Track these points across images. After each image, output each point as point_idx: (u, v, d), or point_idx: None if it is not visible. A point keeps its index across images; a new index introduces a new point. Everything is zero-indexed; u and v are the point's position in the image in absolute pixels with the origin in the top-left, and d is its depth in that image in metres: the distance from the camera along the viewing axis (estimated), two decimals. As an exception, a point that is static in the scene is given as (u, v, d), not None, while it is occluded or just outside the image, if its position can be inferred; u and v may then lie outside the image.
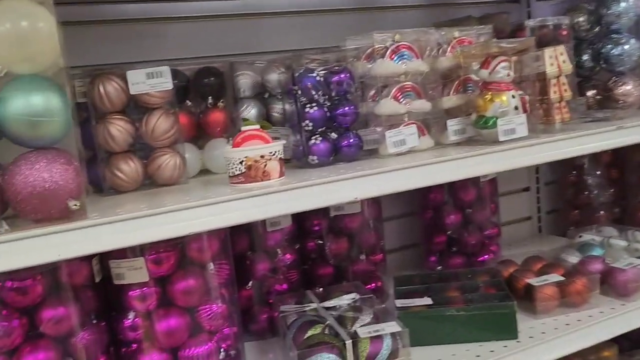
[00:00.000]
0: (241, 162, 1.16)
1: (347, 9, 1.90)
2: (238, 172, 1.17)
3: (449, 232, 1.93)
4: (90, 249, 0.97)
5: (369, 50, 1.44)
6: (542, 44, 1.61)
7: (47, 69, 0.99)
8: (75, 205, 0.97)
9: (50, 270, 1.12)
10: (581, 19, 1.83)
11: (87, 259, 1.20)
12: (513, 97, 1.37)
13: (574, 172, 2.22)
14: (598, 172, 2.19)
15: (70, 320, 1.15)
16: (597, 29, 1.83)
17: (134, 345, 1.25)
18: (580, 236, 1.93)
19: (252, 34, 1.76)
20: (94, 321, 1.21)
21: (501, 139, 1.34)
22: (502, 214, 2.12)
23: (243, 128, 1.21)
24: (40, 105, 0.96)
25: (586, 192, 2.19)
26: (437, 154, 1.33)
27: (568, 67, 1.47)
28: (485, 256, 1.93)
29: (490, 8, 2.09)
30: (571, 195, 2.25)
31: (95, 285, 1.22)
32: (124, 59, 1.53)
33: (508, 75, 1.36)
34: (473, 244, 1.92)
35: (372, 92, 1.43)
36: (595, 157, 2.16)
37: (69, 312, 1.14)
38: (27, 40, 0.95)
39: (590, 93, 1.84)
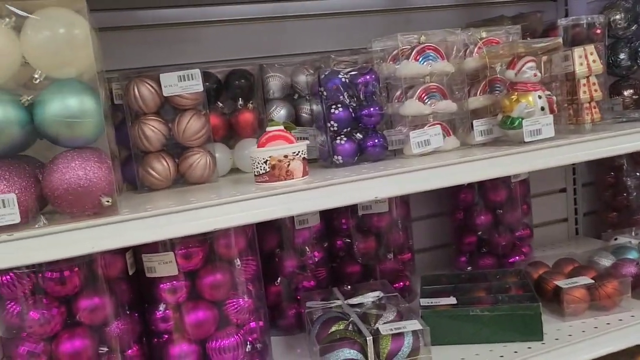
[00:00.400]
0: (265, 162, 1.20)
1: (378, 10, 1.92)
2: (262, 171, 1.21)
3: (479, 233, 1.93)
4: (121, 242, 1.03)
5: (394, 52, 1.46)
6: (575, 42, 1.59)
7: (82, 74, 1.05)
8: (108, 201, 1.03)
9: (86, 263, 1.19)
10: (618, 16, 1.79)
11: (122, 252, 1.26)
12: (539, 97, 1.36)
13: (612, 173, 2.17)
14: (637, 174, 2.13)
15: (105, 310, 1.21)
16: (634, 27, 1.79)
17: (165, 336, 1.31)
18: (616, 239, 1.89)
19: (282, 36, 1.80)
20: (128, 312, 1.28)
21: (527, 139, 1.34)
22: (536, 215, 2.10)
23: (268, 129, 1.25)
24: (76, 108, 1.02)
25: (624, 194, 2.14)
26: (461, 155, 1.34)
27: (598, 67, 1.45)
28: (516, 257, 1.92)
29: (525, 7, 2.06)
30: (609, 197, 2.20)
31: (129, 277, 1.29)
32: (158, 62, 1.61)
33: (535, 75, 1.36)
34: (503, 245, 1.91)
35: (397, 93, 1.45)
36: (634, 158, 2.10)
37: (104, 302, 1.21)
38: (64, 47, 1.01)
39: (627, 92, 1.81)
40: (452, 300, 1.53)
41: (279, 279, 1.64)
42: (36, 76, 1.02)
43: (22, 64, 1.03)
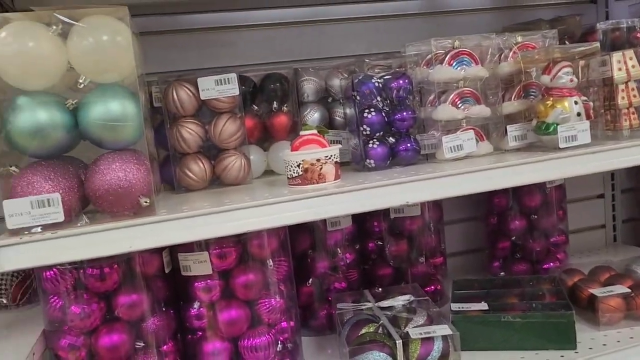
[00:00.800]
0: (298, 165, 1.23)
1: (412, 14, 1.92)
2: (295, 175, 1.24)
3: (513, 238, 1.91)
4: (158, 242, 1.07)
5: (428, 56, 1.46)
6: (615, 47, 1.56)
7: (124, 78, 1.09)
8: (146, 202, 1.07)
9: (125, 260, 1.23)
10: (660, 19, 1.74)
11: (158, 251, 1.30)
12: (575, 103, 1.34)
13: (653, 179, 2.12)
14: (680, 180, 2.08)
15: (142, 306, 1.25)
16: (677, 31, 1.74)
17: (199, 333, 1.35)
18: (656, 247, 1.84)
19: (317, 40, 1.82)
20: (163, 309, 1.32)
21: (562, 145, 1.32)
22: (573, 221, 2.06)
23: (301, 132, 1.27)
24: (118, 112, 1.07)
25: (666, 201, 2.08)
26: (494, 160, 1.33)
27: (638, 72, 1.41)
28: (551, 264, 1.89)
29: (564, 9, 2.03)
30: (649, 204, 2.15)
31: (165, 275, 1.33)
32: (196, 65, 1.65)
33: (571, 80, 1.34)
34: (538, 250, 1.88)
35: (430, 98, 1.45)
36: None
37: (141, 299, 1.25)
38: (107, 54, 1.06)
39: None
40: (483, 305, 1.52)
41: (311, 279, 1.66)
42: (81, 81, 1.07)
43: (67, 69, 1.07)
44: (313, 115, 1.63)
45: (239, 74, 1.44)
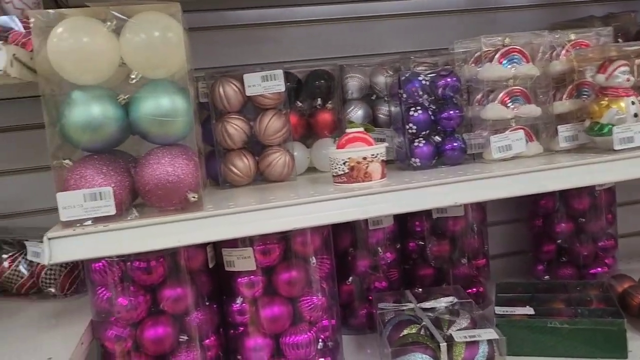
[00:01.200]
0: (344, 163, 1.22)
1: (459, 10, 1.89)
2: (341, 172, 1.23)
3: (559, 241, 1.86)
4: (205, 237, 1.07)
5: (477, 54, 1.43)
6: (673, 45, 1.50)
7: (174, 74, 1.10)
8: (194, 197, 1.08)
9: (171, 254, 1.25)
10: None
11: (203, 246, 1.31)
12: (632, 103, 1.29)
13: None
14: None
15: (187, 300, 1.27)
16: None
17: (241, 329, 1.35)
18: None
19: (362, 36, 1.81)
20: (207, 303, 1.33)
21: (617, 147, 1.27)
22: (622, 226, 1.99)
23: (347, 130, 1.26)
24: (168, 107, 1.07)
25: None
26: (545, 161, 1.30)
27: (698, 71, 1.36)
28: (598, 269, 1.83)
29: (617, 6, 1.96)
30: None
31: (209, 270, 1.34)
32: (242, 61, 1.66)
33: (627, 80, 1.29)
34: (585, 255, 1.83)
35: (478, 96, 1.42)
36: None
37: (185, 293, 1.26)
38: (158, 49, 1.06)
39: None
40: (529, 310, 1.48)
41: (351, 278, 1.65)
42: (133, 76, 1.08)
43: (119, 64, 1.09)
44: (357, 113, 1.61)
45: (284, 70, 1.44)
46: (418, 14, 1.86)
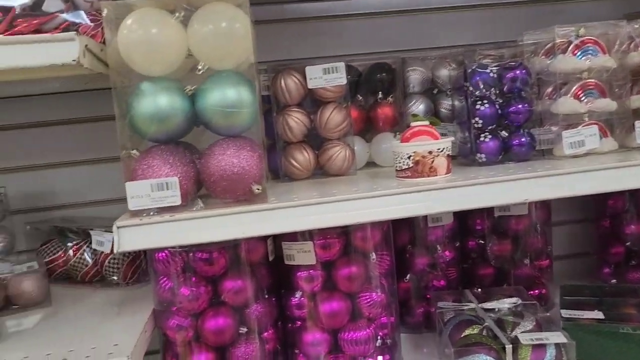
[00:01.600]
0: (409, 157, 1.19)
1: (525, 1, 1.82)
2: (405, 167, 1.20)
3: (628, 243, 1.76)
4: (270, 229, 1.07)
5: (548, 45, 1.37)
6: None
7: (240, 65, 1.10)
8: (258, 189, 1.07)
9: (232, 246, 1.25)
10: None
11: (263, 239, 1.31)
12: None
13: None
14: None
15: (247, 292, 1.27)
16: None
17: (299, 322, 1.34)
18: None
19: (424, 29, 1.76)
20: (266, 296, 1.32)
21: (700, 144, 1.20)
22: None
23: (412, 123, 1.23)
24: (233, 98, 1.07)
25: None
26: (621, 158, 1.23)
27: None
28: (671, 273, 1.74)
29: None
30: None
31: (269, 263, 1.33)
32: (302, 54, 1.65)
33: None
34: (657, 258, 1.74)
35: (549, 90, 1.37)
36: None
37: (246, 285, 1.26)
38: (225, 40, 1.06)
39: None
40: (598, 314, 1.41)
41: (409, 275, 1.62)
42: (199, 67, 1.08)
43: (186, 55, 1.09)
44: (418, 107, 1.58)
45: (345, 63, 1.42)
46: (482, 6, 1.80)
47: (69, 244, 1.55)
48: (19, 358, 1.08)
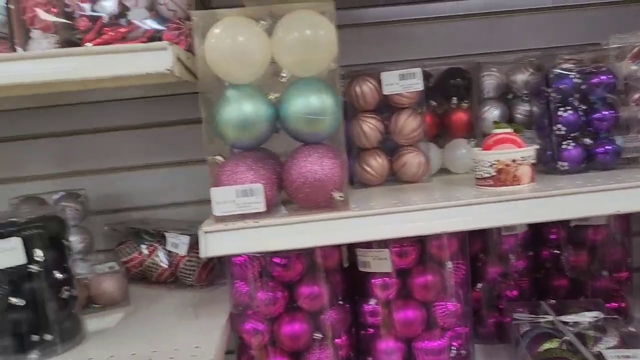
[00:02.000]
0: (491, 165, 1.16)
1: (608, 3, 1.75)
2: (487, 175, 1.17)
3: None
4: (354, 237, 1.06)
5: (635, 49, 1.31)
6: None
7: (323, 72, 1.10)
8: (340, 196, 1.07)
9: (308, 252, 1.25)
10: None
11: (338, 245, 1.30)
12: None
13: None
14: None
15: (322, 298, 1.27)
16: None
17: (372, 330, 1.33)
18: None
19: (498, 32, 1.72)
20: (340, 302, 1.32)
21: None
22: None
23: (495, 131, 1.20)
24: (317, 105, 1.07)
25: None
26: None
27: None
28: None
29: None
30: None
31: (343, 269, 1.33)
32: (377, 59, 1.64)
33: None
34: None
35: (636, 96, 1.31)
36: None
37: (321, 291, 1.26)
38: (309, 48, 1.07)
39: None
40: (687, 331, 1.35)
41: (480, 284, 1.58)
42: (283, 74, 1.09)
43: (270, 63, 1.10)
44: (492, 113, 1.54)
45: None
46: (557, 9, 1.74)
47: (143, 245, 1.59)
48: (105, 357, 1.11)
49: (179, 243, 1.50)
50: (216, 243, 1.04)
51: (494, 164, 1.16)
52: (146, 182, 1.73)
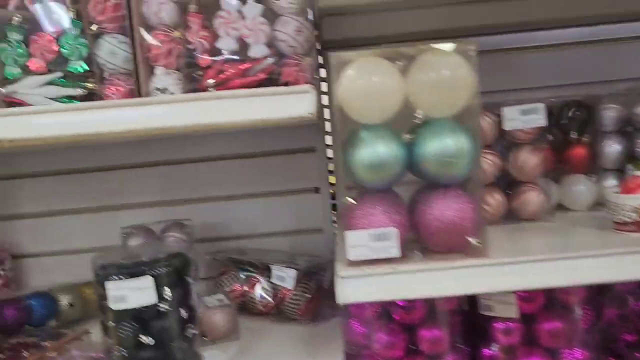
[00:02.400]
0: (635, 211, 1.09)
1: None
2: (629, 220, 1.11)
3: None
4: (495, 286, 1.02)
5: None
6: None
7: (459, 113, 1.06)
8: (478, 242, 1.03)
9: (430, 294, 1.21)
10: None
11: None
12: None
13: None
14: None
15: (444, 342, 1.22)
16: None
17: (492, 376, 1.28)
18: None
19: (615, 62, 1.64)
20: (459, 345, 1.27)
21: None
22: None
23: (636, 173, 1.13)
24: (452, 147, 1.04)
25: None
26: None
27: None
28: None
29: None
30: None
31: (462, 311, 1.28)
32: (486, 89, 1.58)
33: None
34: None
35: None
36: None
37: (442, 335, 1.22)
38: (446, 89, 1.04)
39: None
40: None
41: (597, 327, 1.50)
42: (418, 115, 1.06)
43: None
44: (612, 147, 1.46)
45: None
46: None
47: (242, 276, 1.58)
48: (228, 395, 1.10)
49: (285, 276, 1.49)
50: (351, 289, 1.01)
51: (638, 209, 1.09)
52: (245, 212, 1.73)
